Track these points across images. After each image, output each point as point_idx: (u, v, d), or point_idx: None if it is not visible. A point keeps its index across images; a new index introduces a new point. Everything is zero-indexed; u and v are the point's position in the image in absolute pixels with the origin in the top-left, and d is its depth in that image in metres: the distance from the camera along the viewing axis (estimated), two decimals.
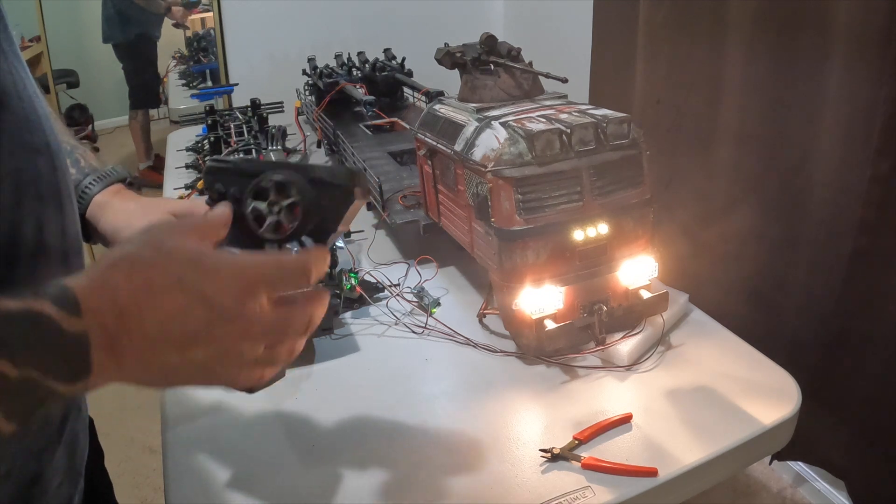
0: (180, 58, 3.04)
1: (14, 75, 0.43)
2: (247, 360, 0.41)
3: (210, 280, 0.39)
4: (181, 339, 0.38)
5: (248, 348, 0.40)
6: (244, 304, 0.39)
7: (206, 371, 0.40)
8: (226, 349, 0.39)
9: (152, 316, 0.37)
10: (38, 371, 0.33)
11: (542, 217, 0.69)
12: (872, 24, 0.97)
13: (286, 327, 0.42)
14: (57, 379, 0.34)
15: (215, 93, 2.28)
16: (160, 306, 0.37)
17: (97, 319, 0.35)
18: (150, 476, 1.71)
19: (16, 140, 0.42)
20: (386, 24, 2.24)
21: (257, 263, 0.41)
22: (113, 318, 0.36)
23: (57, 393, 0.35)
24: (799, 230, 1.17)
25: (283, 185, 0.45)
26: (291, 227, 0.46)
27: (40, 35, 2.85)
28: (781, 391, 0.70)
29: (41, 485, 0.47)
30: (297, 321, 0.43)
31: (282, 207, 0.46)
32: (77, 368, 0.35)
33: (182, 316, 0.37)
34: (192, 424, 0.68)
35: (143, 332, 0.37)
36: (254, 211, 0.46)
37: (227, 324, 0.39)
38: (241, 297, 0.39)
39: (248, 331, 0.40)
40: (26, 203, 0.43)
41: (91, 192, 0.66)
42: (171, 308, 0.37)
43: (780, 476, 1.59)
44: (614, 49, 1.62)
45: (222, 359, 0.40)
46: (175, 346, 0.38)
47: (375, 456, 0.63)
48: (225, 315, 0.38)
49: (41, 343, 0.34)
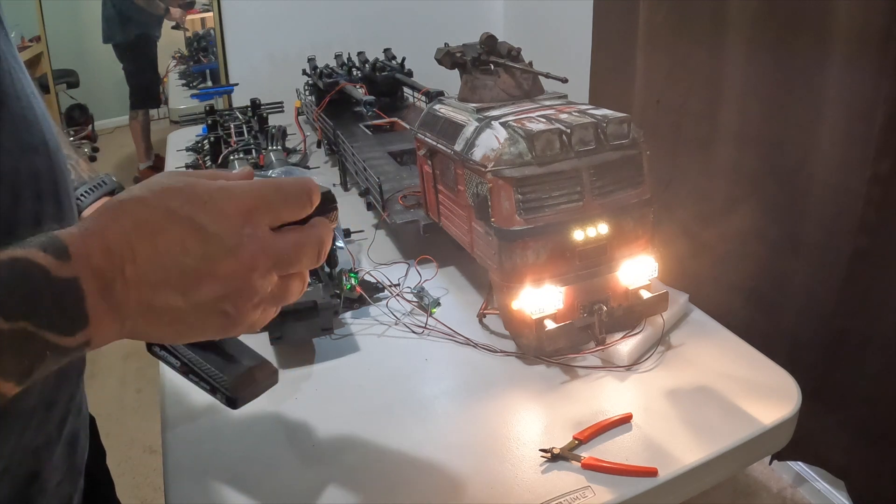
0: (180, 58, 3.04)
1: (12, 75, 0.43)
2: (261, 295, 0.38)
3: (202, 208, 0.36)
4: (181, 278, 0.35)
5: (259, 282, 0.37)
6: (242, 231, 0.36)
7: (219, 315, 0.37)
8: (236, 287, 0.36)
9: (145, 253, 0.34)
10: (30, 322, 0.31)
11: (542, 217, 0.69)
12: (872, 24, 0.97)
13: (298, 252, 0.39)
14: (53, 330, 0.32)
15: (215, 93, 2.28)
16: (152, 242, 0.35)
17: (88, 262, 0.33)
18: (150, 476, 1.71)
19: (13, 139, 0.42)
20: (386, 24, 2.24)
21: (254, 186, 0.38)
22: (104, 260, 0.34)
23: (57, 347, 0.33)
24: (799, 230, 1.17)
25: None
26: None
27: (40, 35, 2.86)
28: (781, 391, 0.70)
29: (40, 483, 0.47)
30: (308, 245, 0.39)
31: None
32: (73, 318, 0.33)
33: (177, 251, 0.35)
34: (192, 424, 0.68)
35: (138, 273, 0.34)
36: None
37: (230, 257, 0.36)
38: (239, 223, 0.36)
39: (255, 261, 0.36)
40: (24, 202, 0.43)
41: (81, 206, 0.67)
42: (164, 244, 0.35)
43: (780, 476, 1.59)
44: (614, 49, 1.62)
45: (233, 298, 0.37)
46: (175, 286, 0.35)
47: (375, 456, 0.63)
48: (224, 246, 0.36)
49: (30, 291, 0.32)
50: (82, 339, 0.34)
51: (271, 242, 0.38)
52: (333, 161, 1.41)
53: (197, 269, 0.35)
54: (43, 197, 0.44)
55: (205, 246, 0.35)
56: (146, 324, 0.36)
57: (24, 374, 0.33)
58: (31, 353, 0.32)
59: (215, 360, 0.46)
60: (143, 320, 0.36)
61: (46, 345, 0.32)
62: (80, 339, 0.34)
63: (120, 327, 0.36)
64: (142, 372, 2.07)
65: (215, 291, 0.36)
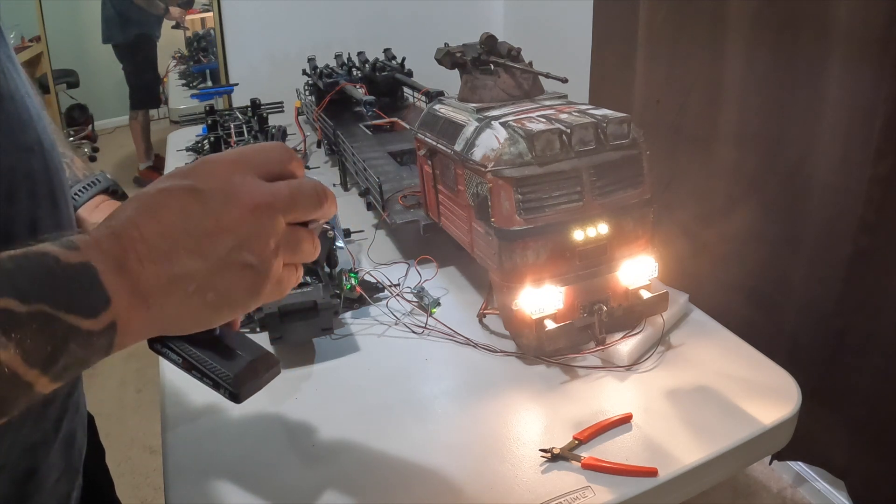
0: (180, 58, 3.04)
1: (6, 75, 0.43)
2: (274, 238, 0.38)
3: (191, 175, 0.38)
4: (191, 240, 0.36)
5: (267, 223, 0.38)
6: (232, 179, 0.38)
7: (243, 269, 0.37)
8: (247, 233, 0.37)
9: (151, 230, 0.36)
10: (47, 304, 0.31)
11: (542, 217, 0.69)
12: (872, 24, 0.97)
13: (294, 194, 0.39)
14: (72, 312, 0.32)
15: (215, 93, 2.28)
16: (154, 218, 0.36)
17: (97, 248, 0.34)
18: (150, 476, 1.71)
19: (8, 139, 0.42)
20: (386, 24, 2.24)
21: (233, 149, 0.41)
22: (112, 244, 0.35)
23: (79, 331, 0.33)
24: (799, 230, 1.17)
25: None
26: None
27: (40, 35, 2.86)
28: (781, 391, 0.70)
29: (37, 480, 0.47)
30: (303, 187, 0.40)
31: None
32: (92, 298, 0.33)
33: (179, 217, 0.36)
34: (192, 424, 0.68)
35: (148, 248, 0.35)
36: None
37: (229, 204, 0.37)
38: (227, 175, 0.38)
39: (254, 202, 0.37)
40: (20, 202, 0.43)
41: (76, 204, 0.67)
42: (166, 216, 0.36)
43: (780, 476, 1.59)
44: (614, 49, 1.62)
45: (249, 245, 0.37)
46: (189, 249, 0.36)
47: (375, 456, 0.63)
48: (221, 197, 0.37)
49: (44, 274, 0.32)
50: (106, 320, 0.34)
51: (265, 185, 0.39)
52: (333, 161, 1.41)
53: (202, 226, 0.36)
54: (38, 196, 0.45)
55: (203, 203, 0.36)
56: (176, 301, 0.36)
57: (48, 362, 0.32)
58: (53, 338, 0.32)
59: (216, 354, 0.46)
60: (170, 296, 0.36)
61: (67, 328, 0.32)
62: (103, 320, 0.34)
63: (146, 309, 0.35)
64: (142, 372, 2.07)
65: (228, 242, 0.37)
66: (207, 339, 0.46)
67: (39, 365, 0.32)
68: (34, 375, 0.32)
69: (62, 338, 0.32)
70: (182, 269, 0.36)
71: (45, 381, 0.32)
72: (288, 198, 0.39)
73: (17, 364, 0.31)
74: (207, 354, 0.45)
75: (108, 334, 0.34)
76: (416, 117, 1.12)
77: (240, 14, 2.17)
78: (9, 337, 0.30)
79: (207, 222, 0.36)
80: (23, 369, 0.31)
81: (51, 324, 0.32)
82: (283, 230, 0.39)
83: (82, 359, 0.34)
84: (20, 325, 0.31)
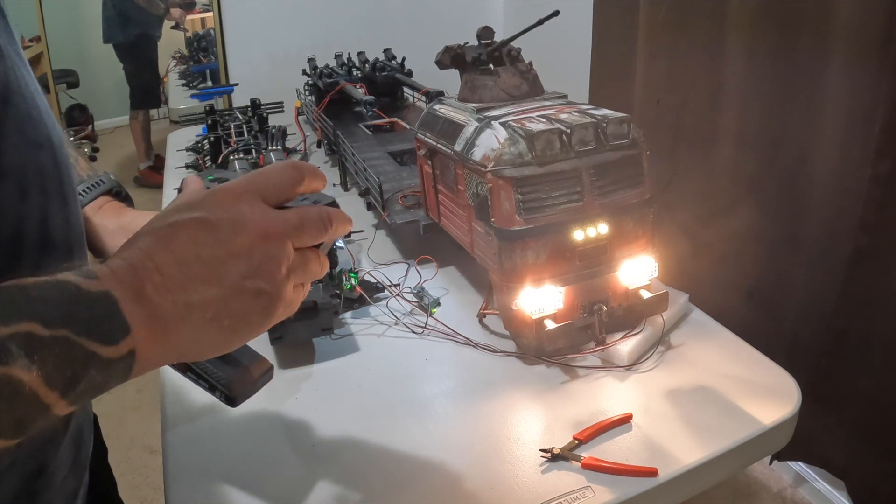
0: (180, 58, 3.04)
1: (16, 72, 0.43)
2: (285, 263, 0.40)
3: (200, 206, 0.39)
4: (205, 269, 0.37)
5: (277, 249, 0.40)
6: (241, 209, 0.39)
7: (256, 295, 0.39)
8: (259, 260, 0.39)
9: (165, 261, 0.37)
10: (69, 330, 0.32)
11: (542, 217, 0.69)
12: (872, 24, 0.97)
13: (302, 220, 0.41)
14: (93, 338, 0.33)
15: (215, 93, 2.28)
16: (168, 250, 0.37)
17: (116, 278, 0.35)
18: (150, 476, 1.71)
19: (20, 136, 0.43)
20: (386, 24, 2.24)
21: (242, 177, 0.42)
22: (129, 276, 0.36)
23: (99, 358, 0.34)
24: (799, 230, 1.17)
25: None
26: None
27: (40, 35, 2.86)
28: (781, 391, 0.70)
29: (46, 477, 0.48)
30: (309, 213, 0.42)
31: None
32: (112, 325, 0.34)
33: (191, 248, 0.37)
34: (192, 424, 0.68)
35: (164, 278, 0.36)
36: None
37: (240, 233, 0.38)
38: (235, 204, 0.39)
39: (264, 230, 0.39)
40: (31, 197, 0.43)
41: (80, 204, 0.67)
42: (179, 247, 0.37)
43: (780, 476, 1.59)
44: (614, 49, 1.62)
45: (261, 271, 0.39)
46: (203, 278, 0.37)
47: (375, 456, 0.63)
48: (231, 226, 0.38)
49: (66, 301, 0.33)
50: (125, 347, 0.35)
51: (273, 212, 0.41)
52: (333, 161, 1.41)
53: (215, 255, 0.38)
54: (49, 192, 0.45)
55: (214, 233, 0.38)
56: (193, 328, 0.37)
57: (68, 385, 0.33)
58: (73, 362, 0.33)
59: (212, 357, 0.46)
60: (187, 324, 0.37)
61: (88, 354, 0.33)
62: (122, 348, 0.35)
63: (164, 336, 0.36)
64: None
65: (241, 269, 0.38)
66: None
67: (59, 388, 0.32)
68: (54, 398, 0.32)
69: (82, 363, 0.33)
70: (198, 296, 0.37)
71: (63, 405, 0.33)
72: (296, 225, 0.41)
73: (38, 385, 0.31)
74: None
75: (127, 361, 0.35)
76: (416, 117, 1.12)
77: (240, 14, 2.17)
78: (32, 359, 0.31)
79: (219, 251, 0.38)
80: (43, 391, 0.32)
81: (72, 349, 0.33)
82: (293, 255, 0.41)
83: (100, 384, 0.35)
84: (43, 349, 0.31)
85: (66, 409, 0.33)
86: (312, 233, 0.42)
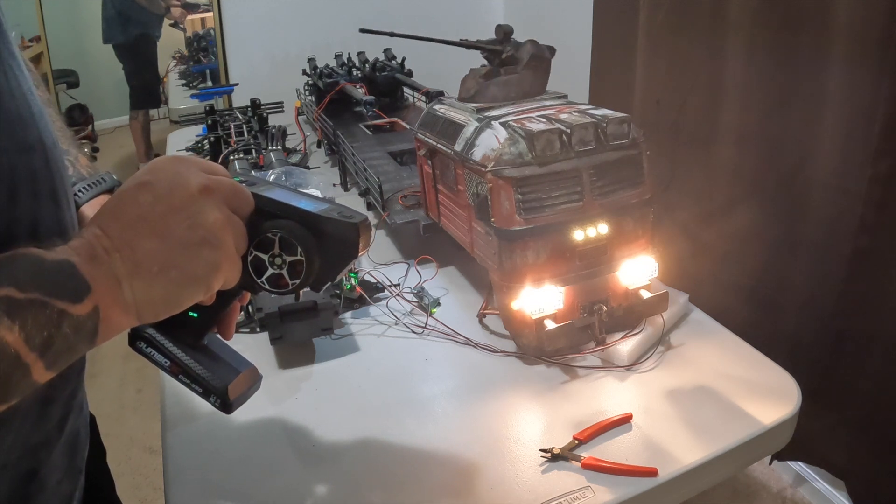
0: (180, 58, 3.04)
1: (7, 73, 0.43)
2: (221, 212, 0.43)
3: (142, 173, 0.43)
4: (147, 224, 0.40)
5: (213, 202, 0.42)
6: (176, 168, 0.43)
7: (201, 245, 0.41)
8: (197, 209, 0.41)
9: (111, 226, 0.40)
10: (40, 292, 0.36)
11: (542, 217, 0.69)
12: (872, 24, 0.97)
13: (235, 184, 0.45)
14: (62, 298, 0.36)
15: (215, 93, 2.28)
16: (114, 217, 0.41)
17: (70, 248, 0.39)
18: (150, 476, 1.71)
19: (9, 138, 0.42)
20: (386, 25, 2.23)
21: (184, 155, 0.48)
22: (79, 243, 0.40)
23: (69, 315, 0.37)
24: (799, 230, 1.17)
25: (289, 243, 0.45)
26: (293, 283, 0.46)
27: (40, 35, 2.85)
28: (781, 391, 0.70)
29: (38, 481, 0.47)
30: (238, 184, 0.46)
31: (285, 262, 0.46)
32: (76, 284, 0.37)
33: (133, 209, 0.41)
34: (192, 425, 0.68)
35: (111, 240, 0.40)
36: (255, 259, 0.46)
37: (176, 188, 0.41)
38: (170, 166, 0.43)
39: (201, 184, 0.42)
40: (22, 201, 0.43)
41: (79, 202, 0.67)
42: (123, 211, 0.41)
43: (780, 476, 1.59)
44: (614, 49, 1.62)
45: (201, 220, 0.41)
46: (147, 233, 0.40)
47: (375, 456, 0.63)
48: (167, 183, 0.42)
49: (34, 267, 0.37)
50: (90, 304, 0.38)
51: (206, 175, 0.44)
52: (333, 161, 1.41)
53: (156, 211, 0.41)
54: (40, 196, 0.44)
55: (152, 192, 0.41)
56: (145, 283, 0.40)
57: (45, 346, 0.36)
58: (48, 322, 0.36)
59: (205, 360, 0.46)
60: (138, 279, 0.40)
61: (60, 313, 0.36)
62: (87, 305, 0.38)
63: (121, 294, 0.39)
64: (142, 372, 2.07)
65: (181, 222, 0.41)
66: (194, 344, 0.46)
67: (38, 349, 0.35)
68: (33, 359, 0.35)
69: (56, 323, 0.36)
70: (143, 252, 0.40)
71: (40, 367, 0.36)
72: (229, 186, 0.45)
73: (20, 345, 0.34)
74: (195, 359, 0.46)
75: (93, 318, 0.38)
76: (416, 117, 1.12)
77: (240, 14, 2.17)
78: (13, 320, 0.34)
79: (158, 206, 0.41)
80: (24, 351, 0.35)
81: (45, 308, 0.36)
82: (231, 216, 0.44)
83: (72, 344, 0.38)
84: (21, 310, 0.35)
85: (43, 373, 0.36)
86: (243, 198, 0.45)
